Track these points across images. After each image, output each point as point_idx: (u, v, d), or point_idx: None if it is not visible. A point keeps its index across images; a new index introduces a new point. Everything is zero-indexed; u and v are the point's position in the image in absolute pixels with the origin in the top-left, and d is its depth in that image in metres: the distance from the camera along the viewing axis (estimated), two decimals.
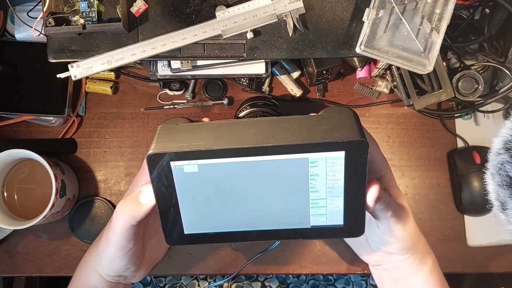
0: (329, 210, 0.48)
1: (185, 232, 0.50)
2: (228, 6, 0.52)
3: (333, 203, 0.48)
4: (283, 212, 0.49)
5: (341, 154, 0.45)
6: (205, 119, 0.54)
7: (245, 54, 0.54)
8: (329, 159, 0.45)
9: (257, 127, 0.46)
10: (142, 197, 0.49)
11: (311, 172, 0.46)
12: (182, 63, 0.58)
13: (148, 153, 0.44)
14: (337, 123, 0.46)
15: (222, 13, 0.52)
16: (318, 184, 0.47)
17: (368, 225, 0.52)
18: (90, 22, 0.51)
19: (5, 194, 0.65)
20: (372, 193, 0.47)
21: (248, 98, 0.64)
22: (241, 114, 0.61)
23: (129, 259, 0.54)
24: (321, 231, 0.50)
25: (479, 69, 0.68)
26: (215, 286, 0.90)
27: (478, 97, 0.66)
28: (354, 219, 0.49)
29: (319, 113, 0.49)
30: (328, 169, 0.46)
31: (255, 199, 0.48)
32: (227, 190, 0.47)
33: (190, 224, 0.49)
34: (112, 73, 0.70)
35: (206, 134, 0.46)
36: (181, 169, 0.45)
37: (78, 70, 0.52)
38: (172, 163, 0.45)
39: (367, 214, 0.50)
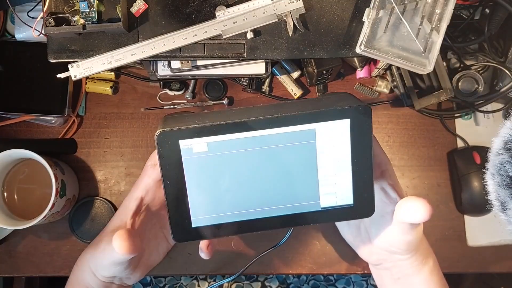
0: (338, 187, 0.48)
1: (193, 225, 0.48)
2: (228, 6, 0.52)
3: (342, 179, 0.48)
4: (294, 192, 0.48)
5: (347, 122, 0.45)
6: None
7: (245, 54, 0.54)
8: (335, 128, 0.46)
9: (261, 108, 0.47)
10: (116, 245, 0.48)
11: (318, 144, 0.46)
12: (182, 63, 0.58)
13: (157, 132, 0.44)
14: (338, 99, 0.47)
15: (222, 13, 0.52)
16: (326, 158, 0.47)
17: (371, 222, 0.52)
18: (90, 22, 0.51)
19: (5, 194, 0.65)
20: (421, 215, 0.47)
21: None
22: None
23: (127, 265, 0.54)
24: (332, 213, 0.49)
25: (479, 69, 0.68)
26: (217, 287, 0.90)
27: (478, 97, 0.66)
28: (364, 197, 0.49)
29: (317, 96, 0.50)
30: (335, 140, 0.46)
31: (265, 179, 0.47)
32: (236, 170, 0.46)
33: (198, 215, 0.48)
34: (112, 73, 0.70)
35: (212, 116, 0.46)
36: (190, 149, 0.45)
37: (78, 70, 0.52)
38: (181, 142, 0.45)
39: (379, 211, 0.50)
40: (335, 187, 0.48)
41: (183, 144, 0.45)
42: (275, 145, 0.46)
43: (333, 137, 0.46)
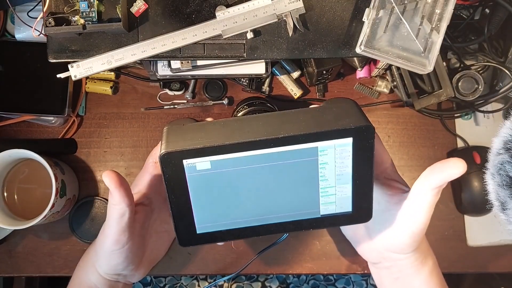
0: (338, 197, 0.49)
1: (198, 232, 0.50)
2: (228, 6, 0.52)
3: (342, 190, 0.49)
4: (294, 203, 0.49)
5: (349, 140, 0.46)
6: (209, 119, 0.55)
7: (245, 54, 0.54)
8: (337, 146, 0.46)
9: (264, 121, 0.47)
10: (108, 185, 0.49)
11: (320, 160, 0.47)
12: (182, 63, 0.58)
13: (161, 153, 0.45)
14: (341, 112, 0.47)
15: (222, 13, 0.52)
16: (327, 172, 0.47)
17: (375, 221, 0.52)
18: (90, 22, 0.51)
19: (5, 194, 0.65)
20: (456, 171, 0.47)
21: (244, 99, 0.65)
22: (240, 114, 0.61)
23: (126, 255, 0.53)
24: (331, 219, 0.51)
25: (479, 69, 0.68)
26: (215, 286, 0.90)
27: (478, 97, 0.66)
28: (362, 205, 0.50)
29: (321, 105, 0.50)
30: (336, 156, 0.46)
31: (267, 192, 0.48)
32: (239, 185, 0.47)
33: (202, 223, 0.49)
34: (112, 73, 0.70)
35: (215, 131, 0.46)
36: (194, 167, 0.46)
37: (78, 70, 0.52)
38: (185, 161, 0.45)
39: (379, 207, 0.51)
40: (335, 197, 0.49)
41: (187, 163, 0.45)
42: (278, 162, 0.46)
43: (335, 154, 0.46)
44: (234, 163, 0.46)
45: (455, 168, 0.47)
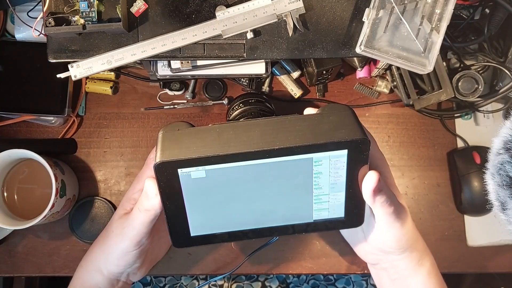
0: (331, 204, 0.50)
1: (192, 235, 0.50)
2: (228, 6, 0.52)
3: (335, 197, 0.49)
4: (288, 209, 0.50)
5: (344, 152, 0.46)
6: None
7: (245, 54, 0.54)
8: (332, 157, 0.46)
9: (260, 129, 0.47)
10: (149, 192, 0.49)
11: (315, 170, 0.47)
12: (182, 63, 0.58)
13: (155, 163, 0.45)
14: (338, 122, 0.46)
15: (222, 13, 0.52)
16: (322, 181, 0.48)
17: (366, 222, 0.52)
18: (90, 22, 0.51)
19: (5, 194, 0.65)
20: (370, 182, 0.47)
21: (239, 95, 0.64)
22: (235, 113, 0.61)
23: (139, 255, 0.54)
24: (323, 224, 0.51)
25: (479, 69, 0.68)
26: (214, 286, 0.90)
27: (478, 97, 0.66)
28: (355, 210, 0.50)
29: (318, 111, 0.50)
30: (331, 166, 0.47)
31: (261, 199, 0.48)
32: (233, 192, 0.48)
33: (197, 227, 0.50)
34: (112, 73, 0.70)
35: (211, 139, 0.46)
36: (189, 175, 0.46)
37: (78, 70, 0.52)
38: (179, 170, 0.45)
39: (368, 210, 0.51)
40: (328, 204, 0.50)
41: (182, 171, 0.45)
42: (272, 171, 0.46)
43: (329, 164, 0.47)
44: (229, 172, 0.46)
45: (368, 179, 0.47)
